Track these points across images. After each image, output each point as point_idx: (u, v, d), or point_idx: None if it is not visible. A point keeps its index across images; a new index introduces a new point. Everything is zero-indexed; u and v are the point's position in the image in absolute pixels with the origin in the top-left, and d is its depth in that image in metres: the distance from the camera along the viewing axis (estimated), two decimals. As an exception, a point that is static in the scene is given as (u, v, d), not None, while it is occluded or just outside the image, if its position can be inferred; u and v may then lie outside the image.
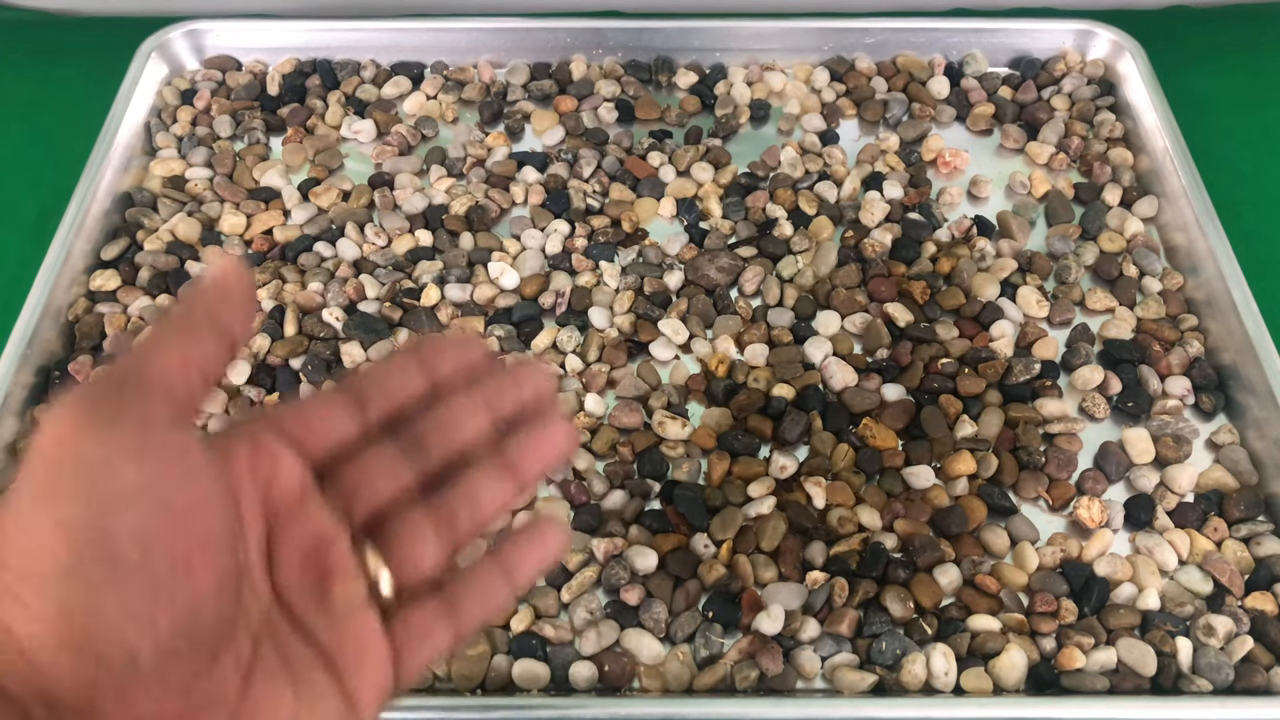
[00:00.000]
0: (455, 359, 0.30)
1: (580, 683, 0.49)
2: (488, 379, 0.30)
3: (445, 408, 0.29)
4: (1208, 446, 0.58)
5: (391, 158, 0.71)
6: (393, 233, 0.67)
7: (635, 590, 0.51)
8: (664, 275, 0.65)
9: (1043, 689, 0.49)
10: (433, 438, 0.29)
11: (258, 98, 0.75)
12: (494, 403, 0.30)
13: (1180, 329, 0.62)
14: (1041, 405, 0.59)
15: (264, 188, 0.70)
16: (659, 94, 0.77)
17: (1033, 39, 0.78)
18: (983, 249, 0.66)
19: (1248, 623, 0.51)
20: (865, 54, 0.78)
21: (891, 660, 0.49)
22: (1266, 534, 0.54)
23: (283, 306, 0.62)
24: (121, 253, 0.65)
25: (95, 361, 0.59)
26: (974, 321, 0.63)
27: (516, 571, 0.30)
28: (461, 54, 0.78)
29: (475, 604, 0.29)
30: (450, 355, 0.30)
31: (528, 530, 0.31)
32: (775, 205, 0.69)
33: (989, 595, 0.52)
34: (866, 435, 0.57)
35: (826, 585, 0.51)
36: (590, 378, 0.59)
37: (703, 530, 0.53)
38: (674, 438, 0.57)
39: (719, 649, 0.50)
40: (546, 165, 0.71)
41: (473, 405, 0.30)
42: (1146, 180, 0.70)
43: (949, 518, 0.54)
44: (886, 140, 0.73)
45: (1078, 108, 0.75)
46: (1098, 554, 0.53)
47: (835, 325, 0.62)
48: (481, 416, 0.30)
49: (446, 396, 0.29)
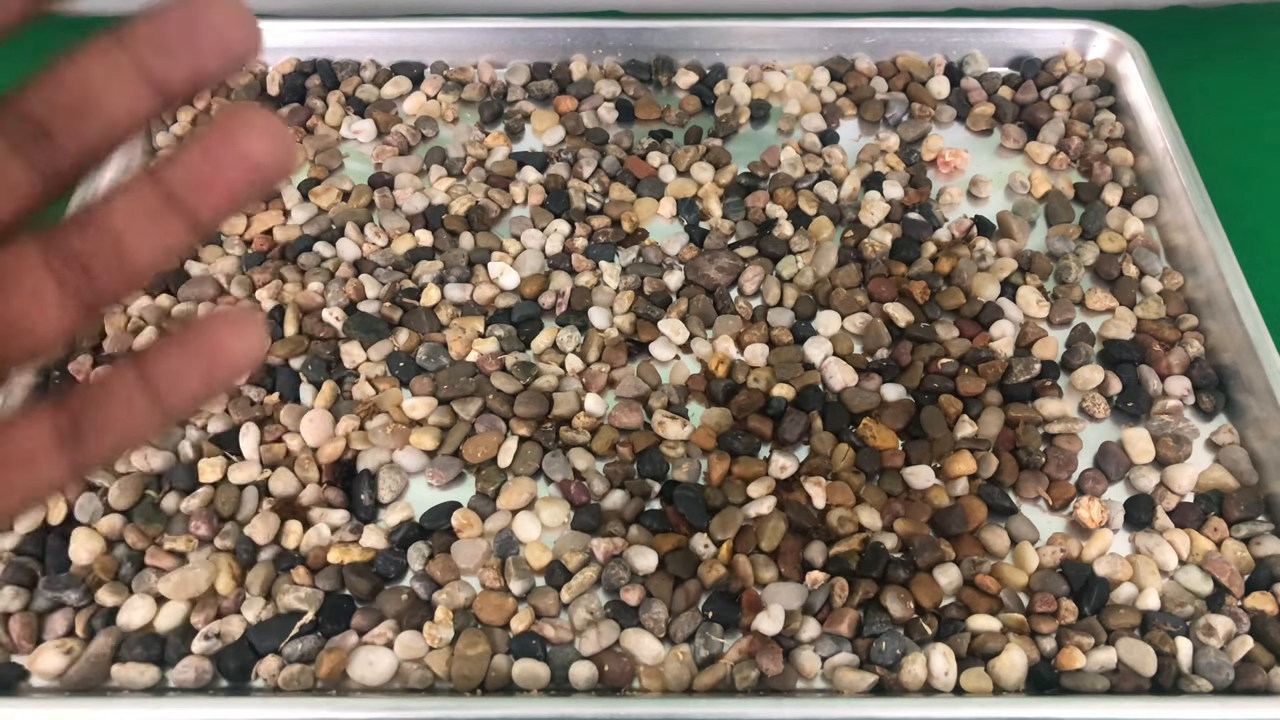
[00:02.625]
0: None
1: (580, 683, 0.49)
2: (139, 23, 0.19)
3: (74, 64, 0.19)
4: (1208, 446, 0.58)
5: (391, 158, 0.71)
6: (393, 233, 0.67)
7: (635, 590, 0.51)
8: (664, 275, 0.65)
9: (1043, 689, 0.49)
10: (59, 118, 0.19)
11: (258, 98, 0.75)
12: (155, 59, 0.18)
13: (1180, 329, 0.62)
14: (1041, 405, 0.59)
15: (264, 188, 0.69)
16: (659, 94, 0.77)
17: (1033, 39, 0.78)
18: (983, 249, 0.66)
19: (1248, 623, 0.51)
20: (865, 54, 0.78)
21: (891, 660, 0.49)
22: (1266, 534, 0.54)
23: (283, 306, 0.62)
24: (121, 253, 0.65)
25: (95, 361, 0.59)
26: (974, 321, 0.63)
27: (174, 381, 0.19)
28: (461, 54, 0.78)
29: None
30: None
31: (204, 323, 0.19)
32: (775, 205, 0.69)
33: (989, 595, 0.52)
34: (866, 435, 0.57)
35: (826, 585, 0.51)
36: (590, 378, 0.60)
37: (703, 530, 0.53)
38: (674, 438, 0.57)
39: (719, 649, 0.50)
40: (546, 165, 0.71)
41: (120, 62, 0.19)
42: (1146, 180, 0.70)
43: (949, 518, 0.54)
44: (886, 140, 0.73)
45: (1078, 108, 0.75)
46: (1098, 554, 0.53)
47: (835, 325, 0.62)
48: (134, 82, 0.19)
49: (82, 49, 0.19)
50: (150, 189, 0.19)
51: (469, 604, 0.51)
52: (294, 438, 0.57)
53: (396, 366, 0.60)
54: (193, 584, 0.51)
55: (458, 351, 0.61)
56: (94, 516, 0.54)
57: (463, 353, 0.60)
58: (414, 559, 0.53)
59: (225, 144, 0.19)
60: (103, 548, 0.53)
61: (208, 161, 0.19)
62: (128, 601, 0.51)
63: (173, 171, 0.19)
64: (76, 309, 0.19)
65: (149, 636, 0.50)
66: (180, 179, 0.19)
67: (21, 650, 0.50)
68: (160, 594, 0.51)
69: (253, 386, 0.59)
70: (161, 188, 0.19)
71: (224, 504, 0.54)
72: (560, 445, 0.57)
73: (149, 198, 0.19)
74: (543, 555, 0.53)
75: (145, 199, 0.19)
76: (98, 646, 0.49)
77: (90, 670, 0.49)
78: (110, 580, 0.52)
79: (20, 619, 0.50)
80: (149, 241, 0.19)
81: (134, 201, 0.19)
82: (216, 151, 0.19)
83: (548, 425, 0.58)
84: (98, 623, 0.50)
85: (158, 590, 0.51)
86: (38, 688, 0.49)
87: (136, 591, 0.51)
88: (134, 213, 0.19)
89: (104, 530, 0.53)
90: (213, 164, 0.19)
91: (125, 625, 0.50)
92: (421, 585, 0.52)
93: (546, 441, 0.57)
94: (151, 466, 0.55)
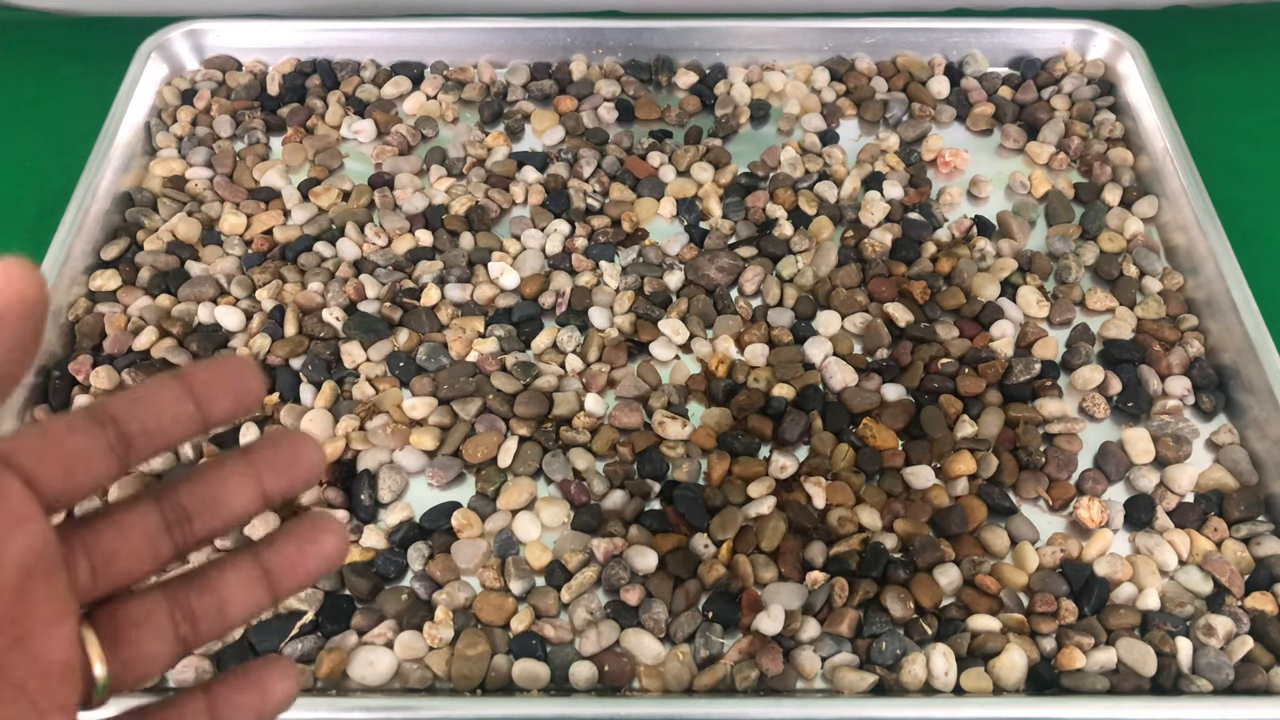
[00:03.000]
0: (224, 386, 0.26)
1: (580, 683, 0.49)
2: (262, 448, 0.27)
3: (215, 475, 0.26)
4: (1208, 446, 0.58)
5: (391, 158, 0.71)
6: (393, 233, 0.67)
7: (635, 590, 0.51)
8: (664, 275, 0.65)
9: (1043, 689, 0.49)
10: (199, 509, 0.26)
11: (258, 98, 0.75)
12: (266, 477, 0.27)
13: (1180, 329, 0.62)
14: (1041, 405, 0.59)
15: (264, 188, 0.70)
16: (659, 94, 0.77)
17: (1033, 39, 0.78)
18: (983, 249, 0.66)
19: (1248, 623, 0.51)
20: (865, 54, 0.78)
21: (891, 660, 0.49)
22: (1266, 534, 0.54)
23: (283, 306, 0.62)
24: (121, 253, 0.65)
25: (95, 361, 0.59)
26: (974, 321, 0.63)
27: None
28: (461, 54, 0.78)
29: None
30: (219, 382, 0.26)
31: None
32: (775, 205, 0.69)
33: (989, 595, 0.52)
34: (866, 435, 0.57)
35: (826, 585, 0.51)
36: (590, 378, 0.60)
37: (703, 530, 0.53)
38: (674, 438, 0.57)
39: (719, 649, 0.50)
40: (546, 165, 0.71)
41: (244, 477, 0.26)
42: (1146, 180, 0.70)
43: (949, 518, 0.54)
44: (886, 140, 0.73)
45: (1078, 108, 0.75)
46: (1098, 554, 0.53)
47: (835, 325, 0.62)
48: (252, 491, 0.27)
49: (217, 463, 0.27)
50: (251, 564, 0.27)
51: (469, 604, 0.51)
52: (294, 438, 0.57)
53: (396, 366, 0.60)
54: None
55: (458, 351, 0.61)
56: (94, 516, 0.53)
57: (463, 353, 0.60)
58: (414, 559, 0.53)
59: (311, 541, 0.28)
60: (103, 548, 0.53)
61: (298, 553, 0.27)
62: (128, 601, 0.51)
63: (270, 555, 0.27)
64: (179, 650, 0.26)
65: (149, 636, 0.50)
66: (275, 562, 0.27)
67: (21, 650, 0.50)
68: (160, 594, 0.51)
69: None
70: (260, 565, 0.27)
71: (224, 504, 0.54)
72: (560, 445, 0.57)
73: (249, 571, 0.27)
74: (543, 555, 0.53)
75: (247, 572, 0.27)
76: (98, 646, 0.49)
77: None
78: (110, 580, 0.52)
79: (20, 619, 0.50)
80: (242, 604, 0.27)
81: (238, 572, 0.27)
82: (305, 546, 0.28)
83: (548, 425, 0.58)
84: (98, 623, 0.50)
85: (158, 590, 0.51)
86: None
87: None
88: (237, 581, 0.27)
89: (104, 530, 0.53)
90: (300, 555, 0.27)
91: (125, 625, 0.50)
92: (421, 585, 0.52)
93: (546, 441, 0.57)
94: (151, 466, 0.55)
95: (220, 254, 0.65)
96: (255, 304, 0.63)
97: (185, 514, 0.26)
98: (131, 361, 0.59)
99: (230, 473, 0.26)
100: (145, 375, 0.58)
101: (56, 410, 0.58)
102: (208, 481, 0.26)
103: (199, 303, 0.62)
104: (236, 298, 0.63)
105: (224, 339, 0.61)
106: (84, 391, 0.58)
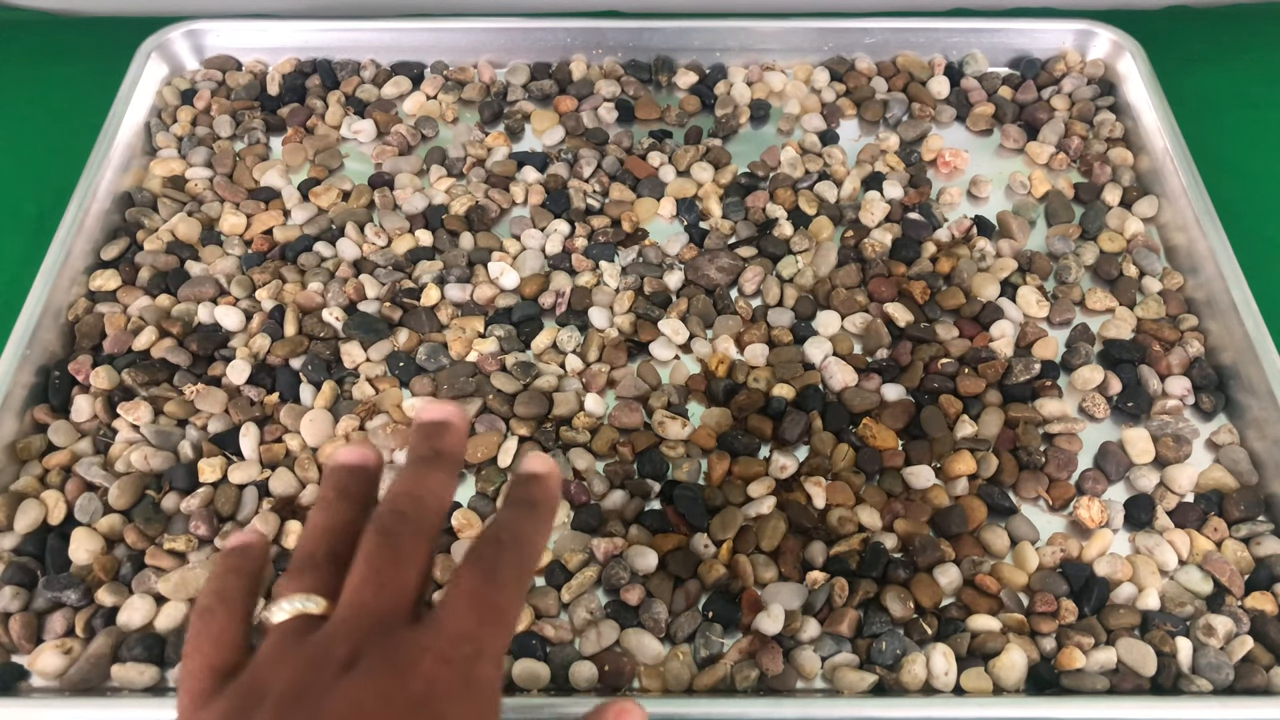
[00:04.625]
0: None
1: (580, 683, 0.49)
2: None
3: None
4: (1208, 446, 0.58)
5: (391, 158, 0.71)
6: (393, 233, 0.67)
7: (635, 590, 0.51)
8: (664, 275, 0.65)
9: (1043, 689, 0.49)
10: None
11: (258, 98, 0.75)
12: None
13: (1180, 329, 0.62)
14: (1041, 405, 0.59)
15: (264, 188, 0.70)
16: (659, 94, 0.77)
17: (1033, 39, 0.78)
18: (983, 249, 0.66)
19: (1248, 623, 0.51)
20: (865, 54, 0.78)
21: (891, 660, 0.49)
22: (1266, 534, 0.54)
23: (283, 306, 0.62)
24: (121, 253, 0.65)
25: (95, 361, 0.59)
26: (974, 321, 0.63)
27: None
28: (461, 54, 0.78)
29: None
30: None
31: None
32: (775, 205, 0.69)
33: (989, 595, 0.52)
34: (866, 435, 0.57)
35: (826, 585, 0.51)
36: (590, 378, 0.60)
37: (703, 530, 0.53)
38: (674, 438, 0.57)
39: (719, 649, 0.50)
40: (546, 165, 0.71)
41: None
42: (1146, 180, 0.70)
43: (949, 518, 0.54)
44: (886, 140, 0.73)
45: (1078, 108, 0.75)
46: (1098, 554, 0.53)
47: (835, 325, 0.62)
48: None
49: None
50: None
51: (469, 604, 0.51)
52: (294, 438, 0.57)
53: (396, 366, 0.60)
54: (193, 584, 0.51)
55: (458, 351, 0.61)
56: (94, 516, 0.54)
57: (463, 353, 0.60)
58: (414, 559, 0.53)
59: None
60: (102, 548, 0.53)
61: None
62: (127, 601, 0.51)
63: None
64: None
65: (149, 636, 0.50)
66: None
67: (21, 650, 0.50)
68: (160, 594, 0.51)
69: (252, 386, 0.59)
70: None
71: (224, 504, 0.54)
72: (560, 445, 0.57)
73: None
74: (543, 555, 0.53)
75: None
76: (97, 646, 0.49)
77: (90, 670, 0.49)
78: (110, 580, 0.52)
79: (20, 619, 0.50)
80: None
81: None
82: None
83: (548, 425, 0.58)
84: (97, 623, 0.50)
85: (157, 590, 0.51)
86: (37, 688, 0.49)
87: (136, 591, 0.51)
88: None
89: (104, 530, 0.53)
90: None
91: (125, 625, 0.50)
92: (421, 585, 0.52)
93: (546, 441, 0.57)
94: (151, 466, 0.55)
95: (220, 254, 0.65)
96: (255, 304, 0.63)
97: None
98: (131, 361, 0.59)
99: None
100: (145, 375, 0.58)
101: (56, 410, 0.58)
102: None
103: (199, 303, 0.62)
104: (236, 298, 0.63)
105: (224, 339, 0.61)
106: (83, 391, 0.58)
